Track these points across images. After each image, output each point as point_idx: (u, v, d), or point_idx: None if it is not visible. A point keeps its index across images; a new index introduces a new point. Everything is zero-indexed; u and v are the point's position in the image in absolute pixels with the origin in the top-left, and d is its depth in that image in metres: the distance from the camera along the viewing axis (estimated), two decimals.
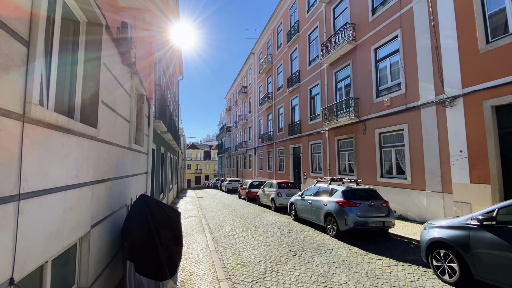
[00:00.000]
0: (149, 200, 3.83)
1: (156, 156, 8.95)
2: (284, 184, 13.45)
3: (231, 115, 43.73)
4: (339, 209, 7.34)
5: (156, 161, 8.84)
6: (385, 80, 10.83)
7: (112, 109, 3.72)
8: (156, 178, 9.06)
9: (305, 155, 16.88)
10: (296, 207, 9.87)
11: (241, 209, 13.45)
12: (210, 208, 14.45)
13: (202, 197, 21.42)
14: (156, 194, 9.18)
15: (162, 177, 11.01)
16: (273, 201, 12.89)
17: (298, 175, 18.24)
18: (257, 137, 27.92)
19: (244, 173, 33.23)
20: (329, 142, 14.20)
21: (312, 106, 16.43)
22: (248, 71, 32.58)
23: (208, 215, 11.91)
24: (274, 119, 22.65)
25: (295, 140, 18.31)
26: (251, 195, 17.28)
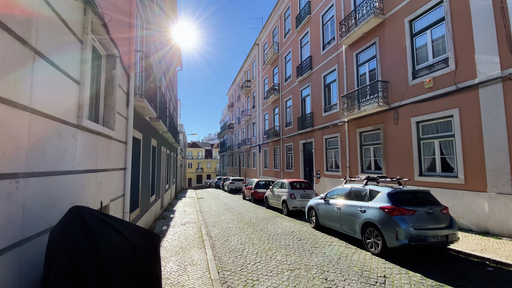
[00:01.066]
0: (89, 219, 1.93)
1: (144, 149, 7.08)
2: (297, 184, 11.56)
3: (234, 111, 41.86)
4: (385, 219, 5.44)
5: (143, 155, 6.97)
6: (424, 57, 8.91)
7: (23, 39, 1.87)
8: (144, 177, 7.20)
9: (318, 151, 14.98)
10: (318, 212, 7.98)
11: (248, 213, 11.58)
12: (212, 211, 12.59)
13: (203, 198, 19.58)
14: (144, 197, 7.31)
15: (154, 175, 9.16)
16: (285, 203, 11.01)
17: (309, 174, 16.35)
18: (261, 134, 26.04)
19: (247, 172, 31.37)
20: (349, 136, 12.29)
21: (327, 96, 14.52)
22: (252, 63, 30.69)
23: (210, 220, 10.05)
24: (281, 112, 20.76)
25: (306, 135, 16.41)
26: (257, 196, 15.41)
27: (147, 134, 7.53)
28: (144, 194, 7.21)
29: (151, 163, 8.28)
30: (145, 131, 7.31)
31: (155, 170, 9.32)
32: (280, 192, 11.69)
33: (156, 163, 9.50)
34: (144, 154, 7.05)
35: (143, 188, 7.19)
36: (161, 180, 11.70)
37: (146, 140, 7.47)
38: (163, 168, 12.07)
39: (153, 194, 9.03)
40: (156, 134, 9.48)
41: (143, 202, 7.12)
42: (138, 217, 6.42)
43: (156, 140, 9.36)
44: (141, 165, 6.61)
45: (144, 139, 7.04)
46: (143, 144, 6.90)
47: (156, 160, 9.47)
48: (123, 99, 4.94)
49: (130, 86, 5.17)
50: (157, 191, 9.98)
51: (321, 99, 14.82)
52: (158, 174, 10.34)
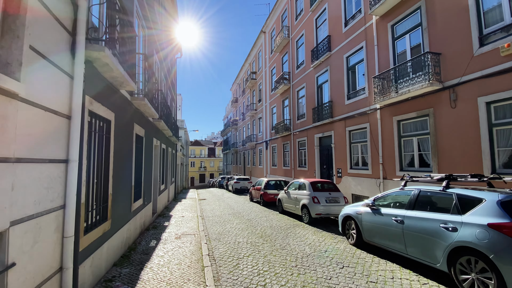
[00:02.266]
0: None
1: (119, 136, 4.96)
2: (320, 184, 9.40)
3: (238, 107, 39.74)
4: (504, 244, 3.27)
5: (118, 144, 4.86)
6: (495, 16, 6.68)
7: None
8: (121, 176, 5.09)
9: (340, 146, 12.79)
10: (362, 225, 5.82)
11: (259, 220, 9.45)
12: (215, 216, 10.49)
13: (205, 199, 17.50)
14: (121, 205, 5.21)
15: (140, 174, 7.06)
16: (306, 209, 8.85)
17: (327, 173, 14.17)
18: (268, 129, 23.89)
19: (253, 170, 29.26)
20: (383, 126, 10.09)
21: (351, 80, 12.31)
22: (258, 54, 28.51)
23: (213, 230, 7.94)
24: (291, 104, 18.57)
25: (323, 128, 14.23)
26: (267, 198, 13.28)
27: (125, 116, 5.42)
28: (120, 201, 5.10)
29: (134, 157, 6.17)
30: (122, 111, 5.20)
31: (143, 167, 7.21)
32: (299, 195, 9.54)
33: (144, 159, 7.40)
34: (119, 143, 4.94)
35: (120, 191, 5.09)
36: (154, 180, 9.61)
37: (124, 125, 5.35)
38: (156, 165, 9.98)
39: (139, 198, 6.92)
40: (144, 120, 7.36)
41: (118, 211, 5.01)
42: (106, 236, 4.32)
43: (144, 129, 7.24)
44: (112, 158, 4.49)
45: (119, 122, 4.93)
46: (117, 129, 4.79)
47: (144, 154, 7.37)
48: (60, 37, 2.82)
49: (80, 21, 3.04)
50: (146, 194, 7.88)
51: (343, 85, 12.61)
52: (148, 172, 8.24)
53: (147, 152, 7.97)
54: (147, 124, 7.81)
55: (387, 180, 9.79)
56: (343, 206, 8.72)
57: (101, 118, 4.09)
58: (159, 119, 8.66)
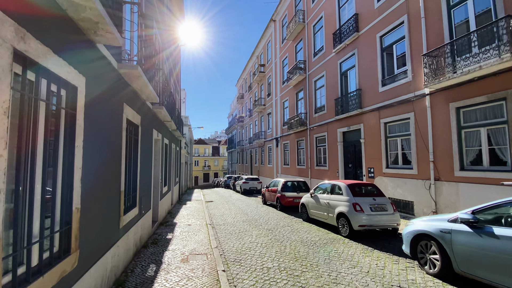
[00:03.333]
0: None
1: (92, 114, 3.19)
2: (360, 188, 7.56)
3: (244, 103, 37.95)
4: None
5: (91, 128, 3.09)
6: None
7: None
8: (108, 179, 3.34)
9: (372, 141, 10.95)
10: (454, 249, 3.98)
11: (283, 230, 7.66)
12: (227, 224, 8.72)
13: (212, 202, 15.76)
14: (93, 224, 3.46)
15: (135, 174, 5.30)
16: (345, 219, 7.03)
17: (353, 173, 12.33)
18: (279, 125, 22.07)
19: (261, 169, 27.48)
20: (434, 114, 8.24)
21: (388, 62, 10.45)
22: (267, 45, 26.66)
23: (228, 247, 6.17)
24: (308, 96, 16.73)
25: (350, 120, 12.38)
26: (286, 202, 11.49)
27: (107, 88, 3.65)
28: (98, 217, 3.34)
29: (124, 152, 4.41)
30: (100, 79, 3.44)
31: (138, 165, 5.44)
32: (332, 200, 7.72)
33: (141, 155, 5.64)
34: (96, 129, 3.18)
35: (99, 201, 3.34)
36: (154, 182, 7.86)
37: (105, 100, 3.59)
38: (157, 163, 8.23)
39: (133, 207, 5.17)
40: (139, 104, 5.60)
41: (95, 233, 3.25)
42: (69, 280, 2.56)
43: (140, 115, 5.48)
44: (80, 153, 2.73)
45: (94, 93, 3.16)
46: (90, 104, 3.02)
47: (140, 149, 5.61)
48: None
49: None
50: (144, 200, 6.13)
51: (376, 69, 10.75)
52: (146, 172, 6.48)
53: (145, 146, 6.21)
54: (145, 110, 6.04)
55: (440, 182, 7.95)
56: (392, 216, 6.91)
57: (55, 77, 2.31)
58: (160, 105, 6.89)
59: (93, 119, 3.11)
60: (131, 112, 4.77)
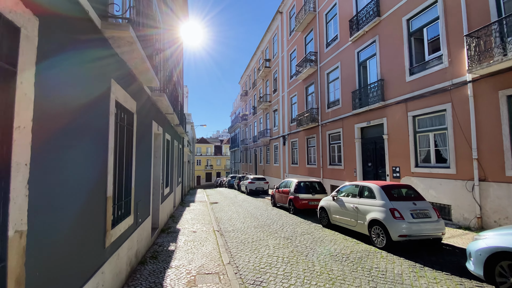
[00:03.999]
0: None
1: (52, 83, 2.08)
2: (397, 190, 6.45)
3: (248, 100, 36.84)
4: None
5: (48, 102, 1.98)
6: None
7: None
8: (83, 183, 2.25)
9: (397, 137, 9.82)
10: None
11: (303, 240, 6.56)
12: (237, 230, 7.62)
13: (217, 203, 14.69)
14: (60, 249, 2.35)
15: (133, 173, 4.22)
16: (380, 227, 5.91)
17: (374, 172, 11.20)
18: (287, 122, 20.96)
19: (266, 169, 26.38)
20: (479, 105, 7.11)
21: (416, 48, 9.30)
22: (272, 39, 25.52)
23: (244, 263, 5.08)
24: (319, 90, 15.60)
25: (370, 115, 11.25)
26: (300, 205, 10.39)
27: (84, 51, 2.56)
28: (70, 237, 2.26)
29: (113, 145, 3.32)
30: (67, 33, 2.34)
31: (133, 163, 4.36)
32: (361, 205, 6.61)
33: (136, 151, 4.55)
34: (56, 102, 2.09)
35: (64, 215, 2.25)
36: (154, 183, 6.79)
37: (67, 56, 2.49)
38: (158, 161, 7.14)
39: (127, 215, 4.09)
40: (135, 87, 4.51)
41: (58, 266, 2.16)
42: None
43: (136, 101, 4.40)
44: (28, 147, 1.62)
45: (48, 36, 2.06)
46: (49, 65, 1.92)
47: (136, 143, 4.52)
48: None
49: None
50: (141, 205, 5.05)
51: (402, 56, 9.61)
52: (144, 171, 5.39)
53: (143, 140, 5.12)
54: (142, 96, 4.96)
55: (487, 183, 6.81)
56: (436, 224, 5.79)
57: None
58: (161, 93, 5.80)
59: (53, 88, 2.02)
60: (123, 94, 3.68)
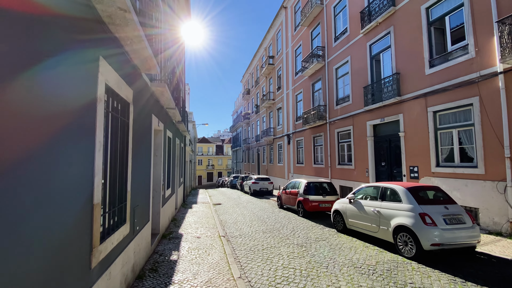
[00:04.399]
0: None
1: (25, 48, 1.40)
2: (424, 193, 5.78)
3: (250, 99, 36.17)
4: None
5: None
6: None
7: None
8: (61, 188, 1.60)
9: (415, 134, 9.16)
10: None
11: (319, 247, 5.90)
12: (245, 236, 6.97)
13: (220, 204, 14.06)
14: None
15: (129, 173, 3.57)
16: (409, 235, 5.24)
17: (388, 172, 10.53)
18: (291, 120, 20.30)
19: (270, 169, 25.72)
20: (511, 98, 6.43)
21: (436, 39, 8.64)
22: (276, 35, 24.84)
23: (256, 276, 4.42)
24: (327, 86, 14.93)
25: (383, 111, 10.58)
26: (310, 207, 9.73)
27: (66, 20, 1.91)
28: (24, 271, 1.60)
29: (99, 137, 2.67)
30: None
31: (129, 161, 3.71)
32: (384, 209, 5.95)
33: (133, 147, 3.91)
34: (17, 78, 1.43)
35: (26, 234, 1.60)
36: (154, 184, 6.15)
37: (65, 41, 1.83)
38: (159, 160, 6.50)
39: (121, 225, 3.44)
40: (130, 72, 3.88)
41: None
42: None
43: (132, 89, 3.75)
44: None
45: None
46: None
47: (133, 138, 3.88)
48: None
49: None
50: (140, 211, 4.41)
51: (420, 47, 8.93)
52: (142, 171, 4.74)
53: (141, 136, 4.48)
54: (140, 85, 4.31)
55: None
56: (472, 231, 5.12)
57: None
58: (161, 82, 5.15)
59: (15, 56, 1.38)
60: (115, 78, 3.03)
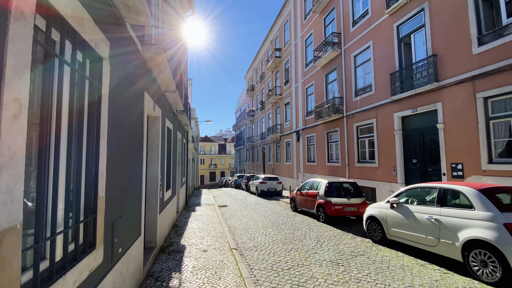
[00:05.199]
0: None
1: None
2: (503, 196, 4.42)
3: (255, 95, 34.83)
4: None
5: None
6: None
7: None
8: None
9: (458, 126, 7.79)
10: None
11: (360, 266, 4.55)
12: (262, 248, 5.63)
13: (226, 206, 12.77)
14: None
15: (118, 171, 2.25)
16: (489, 252, 3.89)
17: (422, 171, 9.15)
18: (301, 115, 18.95)
19: (276, 168, 24.39)
20: None
21: (486, 12, 7.25)
22: (283, 26, 23.46)
23: None
24: (343, 76, 13.55)
25: (415, 100, 9.21)
26: (333, 211, 8.36)
27: None
28: None
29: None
30: None
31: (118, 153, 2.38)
32: (445, 216, 4.58)
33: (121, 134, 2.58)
34: None
35: None
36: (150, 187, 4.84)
37: None
38: (155, 155, 5.18)
39: (89, 250, 2.15)
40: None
41: None
42: None
43: (110, 42, 2.41)
44: None
45: None
46: None
47: (107, 111, 2.54)
48: None
49: None
50: (124, 226, 3.13)
51: (465, 23, 7.53)
52: (134, 170, 3.43)
53: (126, 117, 3.15)
54: (124, 41, 2.98)
55: None
56: None
57: None
58: (158, 48, 3.82)
59: None
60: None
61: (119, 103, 2.85)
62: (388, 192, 10.19)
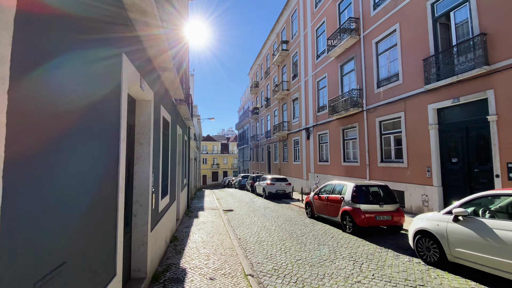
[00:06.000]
0: None
1: None
2: None
3: (259, 92, 33.47)
4: None
5: None
6: None
7: None
8: None
9: None
10: None
11: None
12: (285, 273, 4.29)
13: (232, 211, 11.46)
14: None
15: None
16: None
17: (465, 172, 7.77)
18: (311, 111, 17.59)
19: (283, 168, 23.04)
20: None
21: None
22: (291, 17, 22.07)
23: None
24: (363, 65, 12.16)
25: (456, 89, 7.82)
26: (363, 221, 6.98)
27: None
28: None
29: None
30: None
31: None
32: None
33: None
34: None
35: None
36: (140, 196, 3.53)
37: None
38: (146, 151, 3.88)
39: None
40: None
41: None
42: None
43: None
44: None
45: None
46: None
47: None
48: None
49: None
50: (84, 269, 1.76)
51: None
52: (90, 168, 2.11)
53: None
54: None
55: None
56: None
57: None
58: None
59: None
60: None
61: (60, 61, 1.52)
62: (421, 197, 8.82)
